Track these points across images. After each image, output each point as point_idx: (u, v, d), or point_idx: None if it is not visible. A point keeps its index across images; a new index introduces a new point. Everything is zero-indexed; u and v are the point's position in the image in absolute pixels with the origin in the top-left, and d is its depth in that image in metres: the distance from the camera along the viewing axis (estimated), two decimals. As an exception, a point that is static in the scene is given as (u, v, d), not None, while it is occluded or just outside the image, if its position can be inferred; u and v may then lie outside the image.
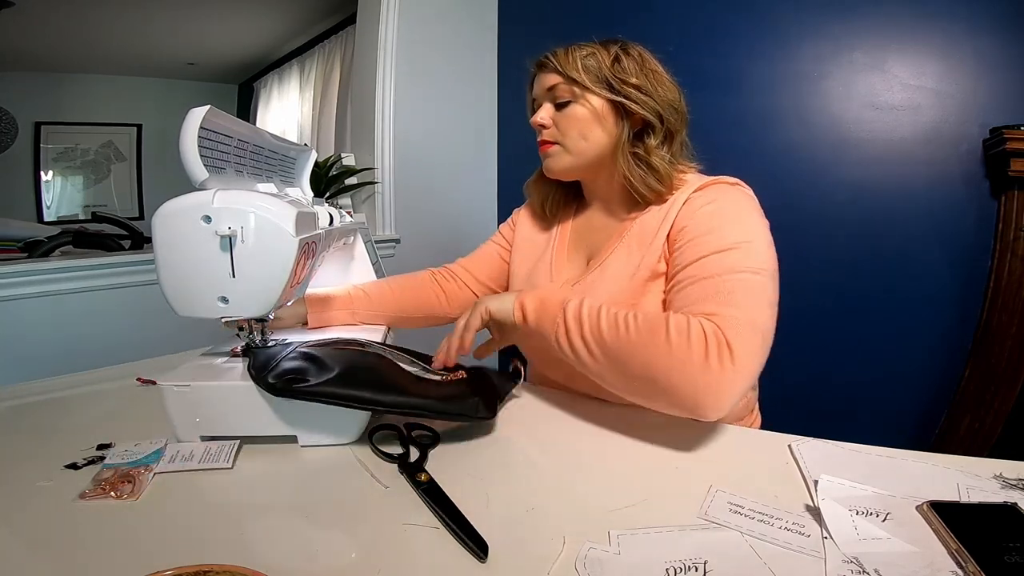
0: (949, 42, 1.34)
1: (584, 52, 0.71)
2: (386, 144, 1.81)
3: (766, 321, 0.56)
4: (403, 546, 0.40)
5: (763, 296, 0.57)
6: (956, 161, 1.35)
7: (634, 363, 0.54)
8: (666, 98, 0.71)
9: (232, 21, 3.32)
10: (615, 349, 0.55)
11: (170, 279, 0.52)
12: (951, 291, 1.38)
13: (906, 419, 1.46)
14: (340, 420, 0.55)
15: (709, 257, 0.61)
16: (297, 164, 0.80)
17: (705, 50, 1.65)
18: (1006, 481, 0.45)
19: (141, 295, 1.26)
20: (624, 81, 0.69)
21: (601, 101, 0.70)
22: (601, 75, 0.70)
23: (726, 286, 0.57)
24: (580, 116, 0.71)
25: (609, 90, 0.70)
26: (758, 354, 0.54)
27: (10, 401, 0.72)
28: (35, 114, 3.65)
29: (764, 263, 0.60)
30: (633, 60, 0.71)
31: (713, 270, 0.59)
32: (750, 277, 0.58)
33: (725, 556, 0.38)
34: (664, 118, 0.70)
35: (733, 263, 0.59)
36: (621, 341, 0.55)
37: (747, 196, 0.68)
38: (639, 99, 0.69)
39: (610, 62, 0.70)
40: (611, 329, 0.56)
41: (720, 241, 0.61)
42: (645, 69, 0.71)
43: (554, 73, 0.72)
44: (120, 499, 0.46)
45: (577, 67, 0.70)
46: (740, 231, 0.62)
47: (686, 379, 0.52)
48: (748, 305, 0.56)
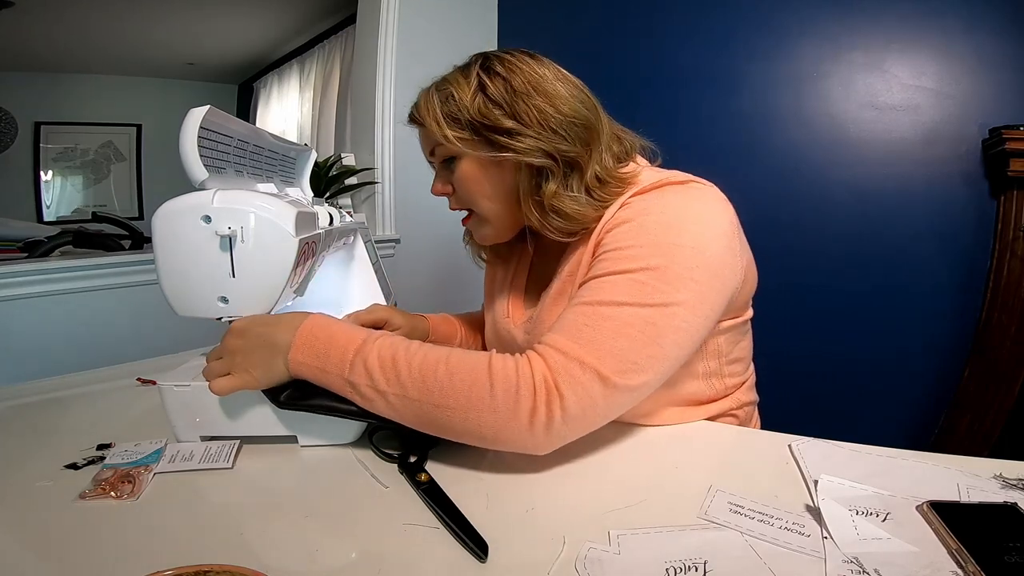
0: (948, 42, 1.34)
1: (444, 94, 0.60)
2: (386, 144, 1.81)
3: (637, 361, 0.48)
4: (403, 546, 0.40)
5: (644, 333, 0.49)
6: (955, 161, 1.35)
7: (456, 425, 0.47)
8: (556, 120, 0.57)
9: (232, 21, 3.31)
10: (430, 413, 0.48)
11: (170, 279, 0.52)
12: (950, 291, 1.38)
13: (906, 419, 1.46)
14: (340, 421, 0.55)
15: (597, 280, 0.52)
16: (297, 164, 0.80)
17: (705, 50, 1.65)
18: (1006, 481, 0.45)
19: (141, 295, 1.26)
20: (491, 127, 0.57)
21: (478, 159, 0.60)
22: (466, 123, 0.58)
23: (592, 319, 0.49)
24: (471, 178, 0.62)
25: (480, 142, 0.58)
26: (598, 404, 0.47)
27: (10, 401, 0.72)
28: (35, 114, 3.64)
29: (676, 291, 0.50)
30: (500, 82, 0.58)
31: (591, 296, 0.51)
32: (631, 312, 0.49)
33: (725, 556, 0.38)
34: (556, 153, 0.57)
35: (618, 292, 0.50)
36: (436, 405, 0.47)
37: (696, 198, 0.56)
38: (516, 147, 0.57)
39: (471, 99, 0.58)
40: (421, 392, 0.47)
41: (618, 262, 0.52)
42: (516, 93, 0.57)
43: (424, 130, 0.63)
44: (120, 499, 0.46)
45: (439, 121, 0.59)
46: (651, 252, 0.52)
47: (512, 437, 0.47)
48: (608, 347, 0.48)
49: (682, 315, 0.51)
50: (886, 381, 1.47)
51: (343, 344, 0.51)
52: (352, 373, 0.50)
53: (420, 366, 0.48)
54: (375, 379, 0.49)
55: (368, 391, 0.49)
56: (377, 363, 0.49)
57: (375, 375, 0.49)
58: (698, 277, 0.52)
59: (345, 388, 0.50)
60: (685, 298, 0.51)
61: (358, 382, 0.49)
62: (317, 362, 0.51)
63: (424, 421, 0.49)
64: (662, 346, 0.50)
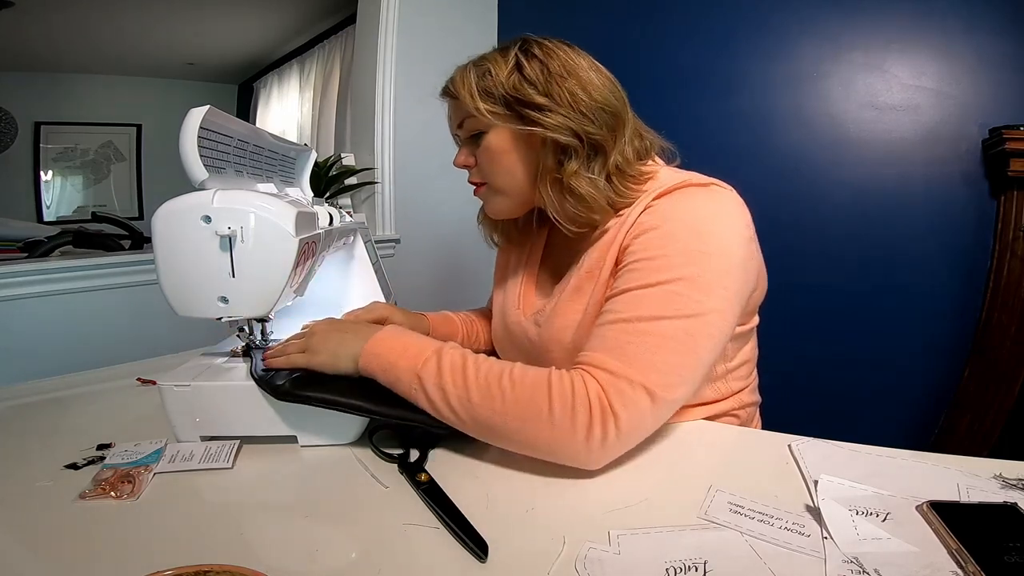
0: (948, 42, 1.34)
1: (481, 69, 0.62)
2: (386, 144, 1.81)
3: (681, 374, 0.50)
4: (403, 546, 0.40)
5: (684, 345, 0.51)
6: (955, 161, 1.35)
7: (512, 435, 0.50)
8: (586, 104, 0.59)
9: (232, 21, 3.31)
10: (488, 419, 0.50)
11: (170, 279, 0.52)
12: (951, 291, 1.38)
13: (906, 419, 1.46)
14: (340, 420, 0.55)
15: (631, 293, 0.54)
16: (297, 164, 0.80)
17: (705, 50, 1.65)
18: (1006, 481, 0.45)
19: (141, 295, 1.26)
20: (524, 101, 0.59)
21: (507, 131, 0.62)
22: (499, 97, 0.60)
23: (633, 336, 0.51)
24: (496, 151, 0.63)
25: (512, 116, 0.60)
26: (647, 419, 0.50)
27: (10, 401, 0.72)
28: (35, 114, 3.64)
29: (710, 299, 0.52)
30: (537, 64, 0.60)
31: (628, 312, 0.53)
32: (669, 324, 0.51)
33: (725, 556, 0.38)
34: (583, 134, 0.59)
35: (655, 306, 0.52)
36: (496, 412, 0.49)
37: (719, 202, 0.58)
38: (545, 122, 0.59)
39: (507, 75, 0.60)
40: (483, 398, 0.50)
41: (651, 274, 0.54)
42: (551, 75, 0.59)
43: (458, 104, 0.64)
44: (120, 499, 0.46)
45: (473, 93, 0.61)
46: (682, 262, 0.53)
47: (568, 452, 0.49)
48: (650, 362, 0.50)
49: (715, 322, 0.53)
50: (886, 381, 1.47)
51: (421, 345, 0.55)
52: (424, 368, 0.53)
53: (486, 374, 0.51)
54: (444, 378, 0.52)
55: (433, 389, 0.52)
56: (448, 365, 0.52)
57: (444, 374, 0.52)
58: (727, 284, 0.54)
59: (412, 381, 0.53)
60: (716, 305, 0.53)
61: (426, 377, 0.52)
62: (392, 355, 0.55)
63: (480, 426, 0.51)
64: (699, 356, 0.52)
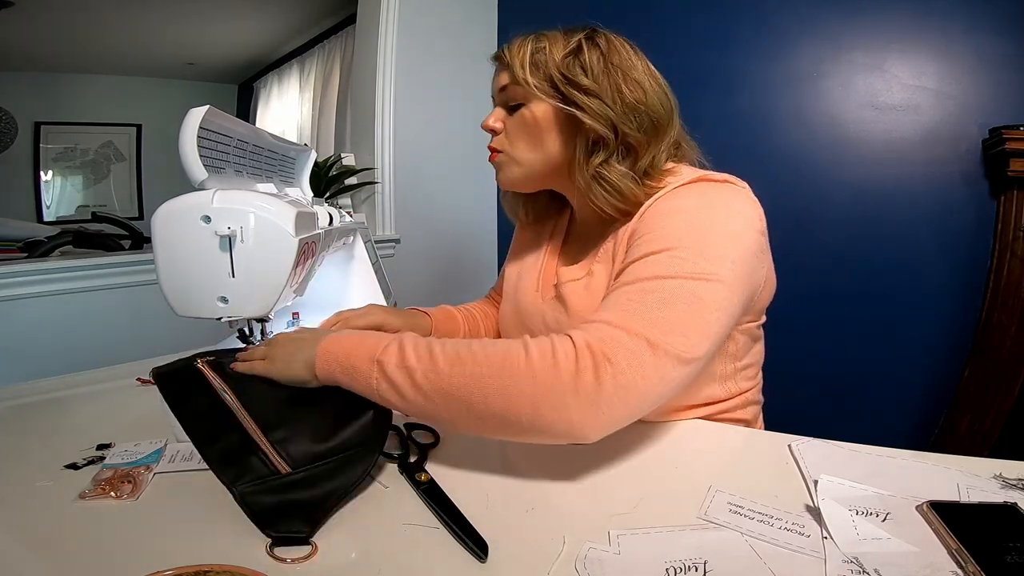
0: (948, 42, 1.34)
1: (539, 44, 0.62)
2: (386, 144, 1.81)
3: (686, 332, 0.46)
4: (403, 546, 0.40)
5: (691, 305, 0.47)
6: (955, 161, 1.35)
7: (491, 400, 0.44)
8: (630, 103, 0.59)
9: (232, 21, 3.31)
10: (460, 388, 0.44)
11: (170, 279, 0.52)
12: (951, 291, 1.38)
13: (906, 419, 1.46)
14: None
15: (636, 262, 0.52)
16: (297, 164, 0.80)
17: (705, 50, 1.65)
18: (1006, 481, 0.45)
19: (141, 295, 1.26)
20: (572, 82, 0.59)
21: (547, 107, 0.61)
22: (547, 74, 0.60)
23: (635, 294, 0.48)
24: (529, 123, 0.62)
25: (555, 94, 0.60)
26: (648, 372, 0.44)
27: (10, 401, 0.72)
28: (35, 114, 3.64)
29: (716, 267, 0.49)
30: (597, 53, 0.60)
31: (632, 276, 0.50)
32: (673, 283, 0.48)
33: (725, 556, 0.38)
34: (620, 130, 0.58)
35: (660, 267, 0.50)
36: (468, 376, 0.44)
37: (732, 194, 0.58)
38: (587, 106, 0.58)
39: (562, 56, 0.60)
40: (452, 364, 0.45)
41: (659, 240, 0.52)
42: (609, 66, 0.59)
43: (506, 70, 0.64)
44: (120, 499, 0.46)
45: (524, 63, 0.61)
46: (688, 232, 0.52)
47: (557, 404, 0.43)
48: (655, 316, 0.46)
49: (724, 293, 0.49)
50: (886, 381, 1.47)
51: (379, 336, 0.51)
52: (384, 353, 0.48)
53: (454, 344, 0.48)
54: (407, 357, 0.47)
55: (395, 371, 0.47)
56: (411, 345, 0.48)
57: (407, 353, 0.47)
58: (735, 259, 0.51)
59: (371, 370, 0.48)
60: (725, 277, 0.50)
61: (387, 361, 0.47)
62: (348, 347, 0.50)
63: (451, 400, 0.45)
64: (708, 321, 0.48)
